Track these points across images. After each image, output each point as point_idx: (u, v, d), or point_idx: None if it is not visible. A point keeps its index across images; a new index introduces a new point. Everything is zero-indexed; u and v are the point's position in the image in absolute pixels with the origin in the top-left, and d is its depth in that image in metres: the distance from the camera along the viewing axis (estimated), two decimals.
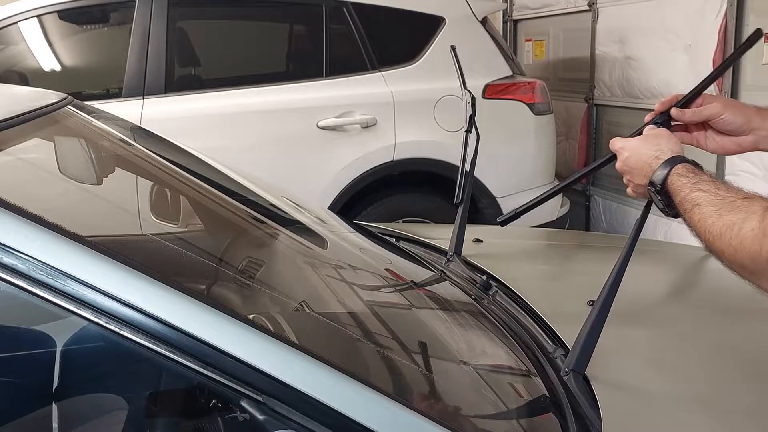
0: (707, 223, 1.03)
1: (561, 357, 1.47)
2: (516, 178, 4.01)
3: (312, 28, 3.96)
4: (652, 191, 1.18)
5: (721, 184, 1.07)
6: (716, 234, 1.01)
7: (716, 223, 1.01)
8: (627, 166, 1.25)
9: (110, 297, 0.99)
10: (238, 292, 1.57)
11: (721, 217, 1.01)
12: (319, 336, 1.41)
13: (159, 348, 0.99)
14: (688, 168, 1.14)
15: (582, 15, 4.91)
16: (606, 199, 4.88)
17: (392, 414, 1.05)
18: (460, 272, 1.96)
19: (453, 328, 1.69)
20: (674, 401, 1.36)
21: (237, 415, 1.10)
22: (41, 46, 3.85)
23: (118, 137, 2.08)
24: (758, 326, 1.71)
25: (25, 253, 0.99)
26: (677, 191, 1.13)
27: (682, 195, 1.11)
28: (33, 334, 1.47)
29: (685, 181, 1.12)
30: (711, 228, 1.02)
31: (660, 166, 1.17)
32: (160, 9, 3.69)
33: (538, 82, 4.08)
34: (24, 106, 1.59)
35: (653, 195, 1.18)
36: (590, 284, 1.57)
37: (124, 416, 1.34)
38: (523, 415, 1.40)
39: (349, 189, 3.80)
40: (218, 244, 1.89)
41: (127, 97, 3.65)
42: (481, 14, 3.99)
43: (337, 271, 1.91)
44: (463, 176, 2.07)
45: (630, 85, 4.45)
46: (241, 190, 2.13)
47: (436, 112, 3.81)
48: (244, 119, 3.75)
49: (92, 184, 1.82)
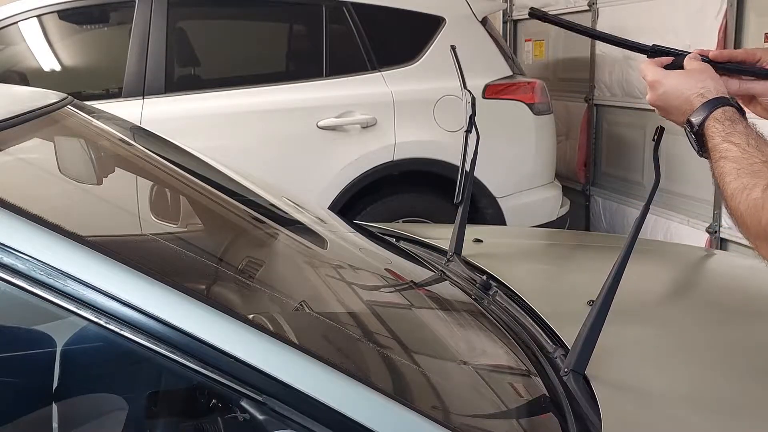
0: (725, 180, 1.02)
1: (561, 357, 1.46)
2: (516, 178, 4.01)
3: (312, 28, 3.96)
4: (687, 130, 1.12)
5: (753, 140, 1.03)
6: (729, 194, 1.00)
7: (732, 183, 1.00)
8: (663, 102, 1.18)
9: (110, 297, 0.99)
10: (238, 292, 1.57)
11: (738, 177, 0.99)
12: (319, 336, 1.41)
13: (159, 348, 0.99)
14: (727, 114, 1.08)
15: (582, 15, 4.91)
16: (606, 199, 4.88)
17: (392, 414, 1.05)
18: (460, 272, 1.96)
19: (453, 328, 1.69)
20: (674, 401, 1.36)
21: (237, 415, 1.10)
22: (41, 46, 3.85)
23: (118, 137, 2.08)
24: (758, 326, 1.72)
25: (25, 253, 0.99)
26: (711, 137, 1.08)
27: (714, 142, 1.07)
28: (33, 334, 1.47)
29: (719, 129, 1.07)
30: (727, 186, 1.01)
31: (701, 106, 1.11)
32: (160, 9, 3.69)
33: (538, 82, 4.08)
34: (24, 106, 1.59)
35: (688, 134, 1.12)
36: (590, 284, 1.57)
37: (124, 416, 1.34)
38: (523, 414, 1.40)
39: (349, 189, 3.80)
40: (218, 244, 1.89)
41: (127, 97, 3.65)
42: (481, 14, 3.99)
43: (337, 271, 1.91)
44: (463, 176, 2.07)
45: (630, 85, 4.45)
46: (241, 190, 2.13)
47: (436, 112, 3.81)
48: (244, 119, 3.75)
49: (92, 184, 1.82)
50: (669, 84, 1.17)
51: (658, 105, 1.19)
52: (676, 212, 4.14)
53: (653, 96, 1.19)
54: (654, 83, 1.19)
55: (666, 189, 4.06)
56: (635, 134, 4.53)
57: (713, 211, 3.81)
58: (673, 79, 1.17)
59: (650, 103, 1.21)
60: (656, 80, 1.19)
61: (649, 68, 1.21)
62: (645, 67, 1.22)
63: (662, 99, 1.18)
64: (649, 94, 1.21)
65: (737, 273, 2.27)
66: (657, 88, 1.19)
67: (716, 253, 3.05)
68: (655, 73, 1.20)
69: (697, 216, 3.97)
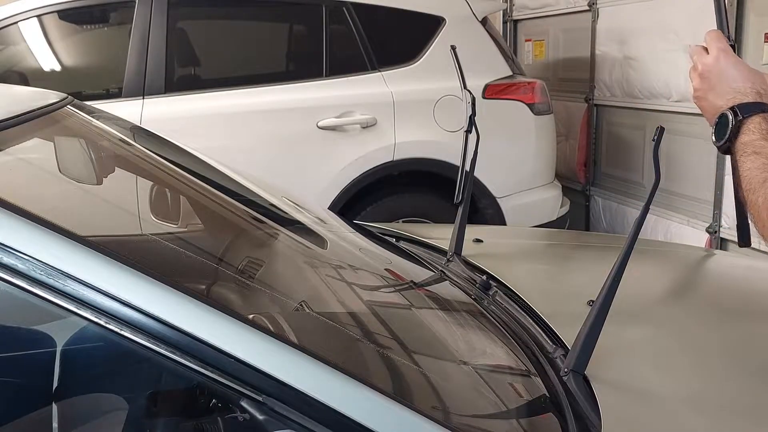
0: (752, 174, 1.03)
1: (561, 357, 1.46)
2: (516, 178, 4.01)
3: (312, 28, 3.96)
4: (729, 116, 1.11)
5: None
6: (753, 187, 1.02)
7: (757, 177, 1.02)
8: (715, 76, 1.16)
9: (110, 297, 0.99)
10: (238, 292, 1.57)
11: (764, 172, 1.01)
12: (319, 336, 1.41)
13: (159, 348, 0.99)
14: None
15: (582, 15, 4.91)
16: (606, 199, 4.88)
17: (392, 414, 1.05)
18: (460, 272, 1.96)
19: (453, 328, 1.69)
20: (674, 401, 1.36)
21: (237, 415, 1.10)
22: (41, 46, 3.85)
23: (118, 137, 2.08)
24: (758, 326, 1.72)
25: (25, 253, 0.99)
26: (750, 131, 1.08)
27: (751, 138, 1.07)
28: (33, 334, 1.47)
29: (763, 127, 1.08)
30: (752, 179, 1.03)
31: (755, 102, 1.11)
32: (160, 9, 3.69)
33: (538, 82, 4.08)
34: (24, 106, 1.59)
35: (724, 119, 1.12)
36: (590, 284, 1.56)
37: (124, 416, 1.34)
38: (523, 414, 1.40)
39: (349, 189, 3.80)
40: (218, 244, 1.89)
41: (127, 97, 3.65)
42: (481, 14, 3.99)
43: (337, 271, 1.91)
44: (463, 176, 2.07)
45: (630, 85, 4.45)
46: (241, 190, 2.13)
47: (436, 112, 3.81)
48: (244, 119, 3.75)
49: (92, 184, 1.82)
50: (734, 63, 1.16)
51: (708, 76, 1.18)
52: (676, 212, 4.14)
53: (709, 64, 1.18)
54: (720, 54, 1.17)
55: (666, 189, 4.06)
56: (635, 134, 4.53)
57: (713, 211, 3.81)
58: (741, 66, 1.17)
59: (700, 72, 1.19)
60: (724, 52, 1.18)
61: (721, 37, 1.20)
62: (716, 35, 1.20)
63: (717, 73, 1.17)
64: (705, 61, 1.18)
65: (737, 273, 2.27)
66: (720, 61, 1.17)
67: (716, 253, 3.05)
68: (725, 46, 1.19)
69: (697, 216, 3.97)
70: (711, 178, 3.80)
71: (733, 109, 1.12)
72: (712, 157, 3.75)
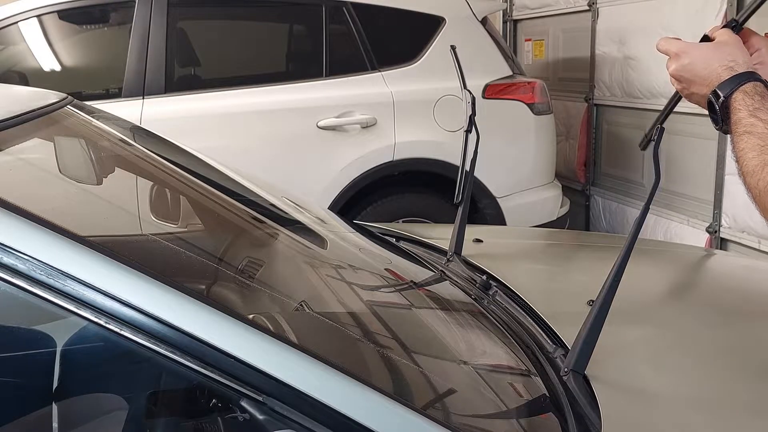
0: (747, 156, 1.01)
1: (561, 357, 1.47)
2: (516, 178, 4.01)
3: (312, 28, 3.96)
4: (713, 100, 1.10)
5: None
6: (750, 170, 0.99)
7: (754, 159, 0.99)
8: (687, 73, 1.16)
9: (110, 297, 0.99)
10: (238, 292, 1.57)
11: (761, 154, 0.98)
12: (319, 336, 1.41)
13: (159, 348, 0.99)
14: (758, 89, 1.07)
15: (582, 15, 4.91)
16: (606, 199, 4.88)
17: (392, 414, 1.05)
18: (460, 272, 1.96)
19: (453, 328, 1.69)
20: (674, 401, 1.36)
21: (237, 415, 1.10)
22: (41, 46, 3.85)
23: (118, 137, 2.08)
24: (758, 326, 1.72)
25: (25, 253, 0.99)
26: (737, 109, 1.07)
27: (739, 116, 1.06)
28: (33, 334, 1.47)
29: (748, 102, 1.06)
30: (749, 162, 1.00)
31: (730, 78, 1.09)
32: (160, 9, 3.69)
33: (538, 82, 4.08)
34: (24, 106, 1.59)
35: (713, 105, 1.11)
36: (590, 284, 1.57)
37: (124, 416, 1.34)
38: (523, 414, 1.40)
39: (349, 189, 3.80)
40: (218, 244, 1.89)
41: (127, 97, 3.65)
42: (481, 14, 3.99)
43: (337, 271, 1.91)
44: (463, 176, 2.07)
45: (630, 85, 4.45)
46: (241, 190, 2.13)
47: (435, 112, 3.81)
48: (244, 119, 3.75)
49: (92, 184, 1.82)
50: (696, 54, 1.16)
51: (681, 76, 1.17)
52: (676, 212, 4.14)
53: (678, 66, 1.17)
54: (680, 53, 1.17)
55: (666, 189, 4.06)
56: (635, 134, 4.53)
57: (713, 211, 3.81)
58: (702, 50, 1.16)
59: (673, 75, 1.19)
60: (683, 50, 1.17)
61: (671, 41, 1.19)
62: (666, 41, 1.20)
63: (687, 69, 1.16)
64: (673, 65, 1.18)
65: (737, 273, 2.27)
66: (682, 59, 1.17)
67: (716, 253, 3.05)
68: (681, 44, 1.18)
69: (697, 216, 3.97)
70: (711, 178, 3.80)
71: (714, 93, 1.11)
72: (712, 157, 3.75)
